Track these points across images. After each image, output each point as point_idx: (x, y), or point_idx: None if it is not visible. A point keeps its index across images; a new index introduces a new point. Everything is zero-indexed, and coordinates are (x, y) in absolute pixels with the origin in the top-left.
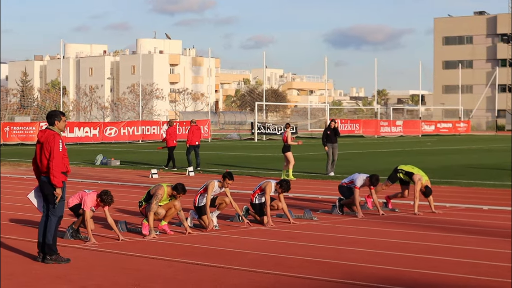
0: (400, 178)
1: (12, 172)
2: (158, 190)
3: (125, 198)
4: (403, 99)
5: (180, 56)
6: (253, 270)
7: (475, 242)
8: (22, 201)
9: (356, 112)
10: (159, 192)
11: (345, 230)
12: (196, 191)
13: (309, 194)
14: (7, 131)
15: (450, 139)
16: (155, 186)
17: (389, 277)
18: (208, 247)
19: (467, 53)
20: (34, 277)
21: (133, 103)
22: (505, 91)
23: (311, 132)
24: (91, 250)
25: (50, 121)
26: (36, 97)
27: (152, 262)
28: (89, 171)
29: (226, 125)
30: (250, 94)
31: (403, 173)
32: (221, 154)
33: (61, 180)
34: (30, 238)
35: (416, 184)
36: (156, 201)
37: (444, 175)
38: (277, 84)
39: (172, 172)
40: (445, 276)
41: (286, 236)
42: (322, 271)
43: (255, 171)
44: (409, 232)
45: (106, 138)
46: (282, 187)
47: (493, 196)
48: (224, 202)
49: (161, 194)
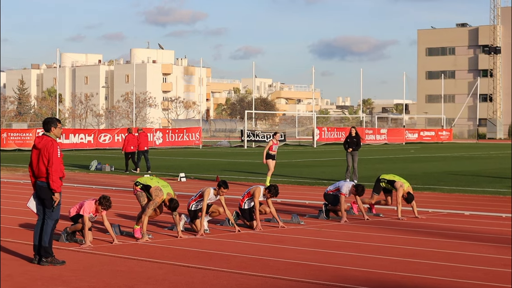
0: (383, 187)
1: (10, 177)
2: (158, 196)
3: (119, 203)
4: (387, 108)
5: (173, 65)
6: (241, 273)
7: (457, 246)
8: (19, 205)
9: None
10: (157, 200)
11: (331, 234)
12: (187, 196)
13: (297, 199)
14: (5, 137)
15: (432, 147)
16: (155, 188)
17: (373, 279)
18: (199, 250)
19: (449, 64)
20: (30, 278)
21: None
22: (486, 100)
23: (299, 140)
24: (85, 253)
25: (46, 127)
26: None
27: (144, 264)
28: (84, 176)
29: (216, 132)
30: (240, 103)
31: (385, 181)
32: (212, 160)
33: (60, 184)
34: (26, 240)
35: (398, 190)
36: (153, 207)
37: (427, 181)
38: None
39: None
40: (427, 278)
41: (274, 240)
42: (308, 273)
43: (245, 177)
44: (392, 236)
45: (100, 145)
46: (270, 191)
47: (474, 202)
48: (218, 211)
49: (159, 202)
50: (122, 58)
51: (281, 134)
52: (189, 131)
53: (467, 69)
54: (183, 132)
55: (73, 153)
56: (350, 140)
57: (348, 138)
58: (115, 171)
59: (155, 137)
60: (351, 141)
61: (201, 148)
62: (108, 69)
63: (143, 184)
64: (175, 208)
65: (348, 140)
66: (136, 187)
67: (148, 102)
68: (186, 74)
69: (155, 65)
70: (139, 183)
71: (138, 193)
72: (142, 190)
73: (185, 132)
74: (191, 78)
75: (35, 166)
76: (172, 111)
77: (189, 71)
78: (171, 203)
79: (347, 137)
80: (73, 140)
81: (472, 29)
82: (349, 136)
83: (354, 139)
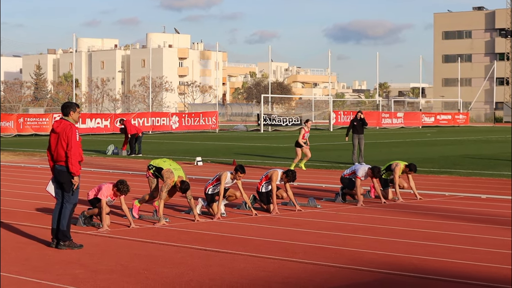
0: (385, 178)
1: (27, 162)
2: (169, 178)
3: (136, 187)
4: (404, 92)
5: (189, 50)
6: (258, 256)
7: (474, 229)
8: (36, 189)
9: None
10: (169, 182)
11: (348, 217)
12: (204, 180)
13: (313, 183)
14: (21, 122)
15: (449, 130)
16: (166, 169)
17: (390, 262)
18: (216, 234)
19: (466, 48)
20: (48, 262)
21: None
22: (503, 84)
23: (315, 124)
24: (103, 236)
25: (65, 111)
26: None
27: (161, 247)
28: (101, 160)
29: (233, 117)
30: (256, 87)
31: (384, 172)
32: (229, 144)
33: (79, 168)
34: (44, 224)
35: (395, 169)
36: (166, 189)
37: (444, 165)
38: (282, 77)
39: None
40: (444, 261)
41: (291, 223)
42: (325, 256)
43: (261, 161)
44: (409, 219)
45: (117, 129)
46: (288, 176)
47: (491, 185)
48: (235, 195)
49: (171, 184)
50: (138, 43)
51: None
52: (206, 116)
53: (484, 53)
54: (199, 117)
55: (90, 137)
56: (357, 124)
57: (355, 121)
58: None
59: (171, 122)
60: (358, 125)
61: (217, 132)
62: (124, 54)
63: (155, 167)
64: (186, 189)
65: (355, 123)
66: (149, 171)
67: (165, 86)
68: (202, 59)
69: (171, 49)
70: (152, 166)
71: (150, 178)
72: (155, 173)
73: (201, 116)
74: (207, 62)
75: (53, 149)
76: (189, 96)
77: (205, 56)
78: (182, 185)
79: (352, 121)
80: (90, 125)
81: (489, 13)
82: (356, 120)
83: (361, 122)
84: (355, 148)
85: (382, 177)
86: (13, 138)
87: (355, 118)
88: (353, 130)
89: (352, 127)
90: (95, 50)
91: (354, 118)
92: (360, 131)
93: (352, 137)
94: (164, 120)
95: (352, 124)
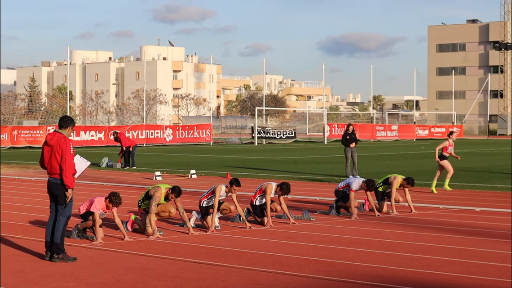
0: (381, 191)
1: (21, 174)
2: (156, 192)
3: (130, 200)
4: (398, 104)
5: (183, 62)
6: (252, 269)
7: (468, 242)
8: (30, 202)
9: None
10: (157, 195)
11: (342, 230)
12: (198, 193)
13: (307, 195)
14: (15, 134)
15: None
16: (153, 187)
17: (384, 275)
18: (210, 247)
19: (460, 60)
20: (42, 275)
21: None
22: (497, 97)
23: (309, 136)
24: (97, 249)
25: (63, 124)
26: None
27: (155, 260)
28: (95, 173)
29: (227, 129)
30: (251, 99)
31: (381, 185)
32: (223, 157)
33: (73, 181)
34: (37, 237)
35: (392, 183)
36: (155, 203)
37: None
38: (277, 90)
39: (176, 174)
40: (438, 274)
41: (285, 236)
42: (319, 269)
43: (255, 173)
44: (404, 232)
45: (111, 142)
46: (282, 189)
47: (485, 198)
48: (229, 209)
49: (159, 196)
50: (132, 55)
51: (452, 133)
52: (200, 128)
53: (478, 65)
54: (193, 129)
55: (84, 150)
56: (350, 137)
57: (347, 135)
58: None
59: (165, 134)
60: (351, 137)
61: (211, 144)
62: (119, 67)
63: (143, 198)
64: (179, 192)
65: (347, 137)
66: (140, 209)
67: (159, 99)
68: (196, 71)
69: (165, 62)
70: (140, 201)
71: (143, 215)
72: (145, 205)
73: (195, 129)
74: (202, 75)
75: (47, 162)
76: (183, 108)
77: (199, 68)
78: (174, 190)
79: (345, 134)
80: (84, 137)
81: (483, 25)
82: (347, 133)
83: (353, 135)
84: (348, 161)
85: (378, 190)
86: (7, 150)
87: (346, 132)
88: (346, 143)
89: (345, 140)
90: (89, 63)
91: (345, 132)
92: (353, 144)
93: (345, 150)
94: (158, 133)
95: (345, 137)
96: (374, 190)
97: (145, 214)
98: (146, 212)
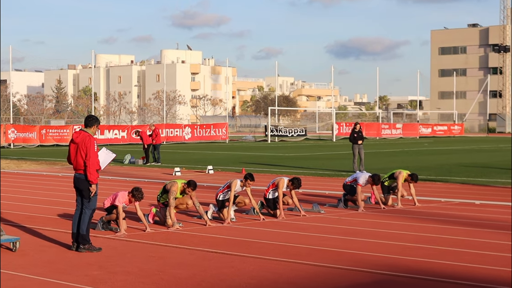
0: (387, 186)
1: (49, 170)
2: (172, 186)
3: (151, 194)
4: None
5: (201, 65)
6: (266, 258)
7: (468, 233)
8: (57, 196)
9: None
10: (173, 189)
11: (350, 222)
12: (215, 187)
13: (317, 189)
14: (44, 133)
15: (445, 140)
16: (170, 182)
17: (390, 264)
18: (226, 237)
19: (461, 62)
20: (69, 264)
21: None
22: (496, 96)
23: (319, 134)
24: (120, 240)
25: (89, 123)
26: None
27: (175, 250)
28: (118, 169)
29: (242, 128)
30: (264, 100)
31: (386, 180)
32: (238, 154)
33: (96, 176)
34: (64, 229)
35: (399, 177)
36: (173, 197)
37: (440, 173)
38: (288, 91)
39: (194, 170)
40: (440, 263)
41: (296, 228)
42: (328, 259)
43: (268, 169)
44: (408, 224)
45: (133, 140)
46: (293, 184)
47: (485, 192)
48: (244, 202)
49: (175, 191)
50: (153, 59)
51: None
52: (216, 127)
53: (478, 67)
54: (210, 128)
55: (108, 147)
56: (357, 135)
57: (354, 133)
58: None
59: (184, 133)
60: (358, 135)
61: (227, 142)
62: (140, 69)
63: (161, 193)
64: (195, 185)
65: (355, 135)
66: (159, 203)
67: (178, 100)
68: (213, 74)
69: (184, 65)
70: (159, 196)
71: (162, 209)
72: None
73: (212, 127)
74: (218, 77)
75: (73, 159)
76: (200, 108)
77: (216, 71)
78: (189, 184)
79: (353, 132)
80: (108, 136)
81: (483, 29)
82: (355, 131)
83: (360, 133)
84: (355, 157)
85: (384, 184)
86: (36, 148)
87: (353, 130)
88: (353, 141)
89: (353, 138)
90: (113, 66)
91: (353, 130)
92: (360, 142)
93: (352, 147)
94: (178, 132)
95: (352, 135)
96: (380, 184)
97: (164, 207)
98: (164, 205)
